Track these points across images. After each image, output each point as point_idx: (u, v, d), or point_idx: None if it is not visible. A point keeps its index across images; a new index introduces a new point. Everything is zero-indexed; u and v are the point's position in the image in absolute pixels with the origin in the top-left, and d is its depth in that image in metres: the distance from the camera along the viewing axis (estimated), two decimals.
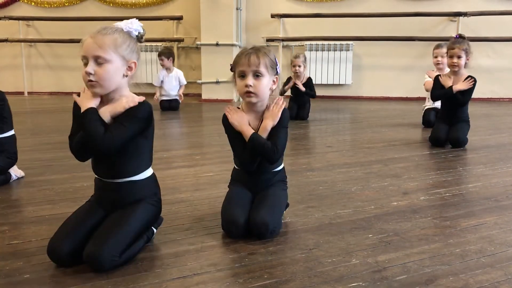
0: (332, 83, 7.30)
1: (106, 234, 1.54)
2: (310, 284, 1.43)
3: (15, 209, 2.17)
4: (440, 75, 3.76)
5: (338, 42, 7.13)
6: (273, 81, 1.86)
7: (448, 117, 3.62)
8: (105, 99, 1.64)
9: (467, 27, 6.74)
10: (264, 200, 1.84)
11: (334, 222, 1.96)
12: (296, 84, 4.98)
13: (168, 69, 6.03)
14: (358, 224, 1.94)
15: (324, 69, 7.27)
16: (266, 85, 1.82)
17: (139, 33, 1.66)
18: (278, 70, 1.86)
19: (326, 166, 2.97)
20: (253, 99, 1.82)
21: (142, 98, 1.66)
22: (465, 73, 3.61)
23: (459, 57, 3.53)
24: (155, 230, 1.78)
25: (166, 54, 6.02)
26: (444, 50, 4.36)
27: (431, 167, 3.02)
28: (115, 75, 1.59)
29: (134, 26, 1.65)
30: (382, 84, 7.20)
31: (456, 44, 3.56)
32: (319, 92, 7.06)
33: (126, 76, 1.63)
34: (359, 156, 3.25)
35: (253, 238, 1.76)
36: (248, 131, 1.83)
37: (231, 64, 1.86)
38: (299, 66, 4.96)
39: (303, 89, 4.96)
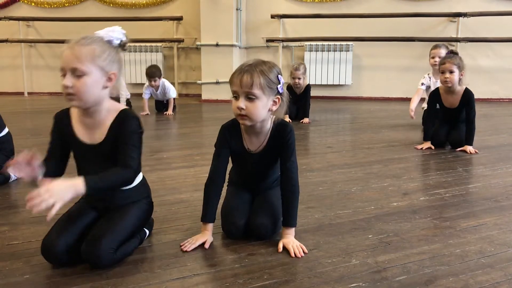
0: (332, 83, 7.30)
1: (103, 229, 1.55)
2: (310, 285, 1.43)
3: (14, 210, 2.17)
4: (437, 90, 3.61)
5: (338, 43, 7.13)
6: (274, 101, 1.67)
7: (448, 118, 3.61)
8: (85, 112, 1.59)
9: (467, 27, 6.75)
10: (264, 202, 1.84)
11: (334, 223, 1.96)
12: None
13: (156, 87, 5.63)
14: (358, 224, 1.94)
15: (324, 70, 7.26)
16: (261, 108, 1.63)
17: (121, 41, 1.59)
18: (279, 89, 1.67)
19: (326, 167, 2.97)
20: (247, 122, 1.67)
21: (122, 106, 1.64)
22: (461, 88, 3.46)
23: (451, 72, 3.36)
24: (147, 232, 1.79)
25: (158, 74, 5.58)
26: (442, 50, 4.33)
27: (431, 168, 3.02)
28: (94, 87, 1.51)
29: (115, 34, 1.57)
30: (382, 85, 7.20)
31: (447, 58, 3.43)
32: (319, 92, 7.11)
33: (106, 87, 1.56)
34: (359, 157, 3.25)
35: (253, 239, 1.76)
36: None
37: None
38: (299, 79, 4.87)
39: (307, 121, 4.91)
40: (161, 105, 5.84)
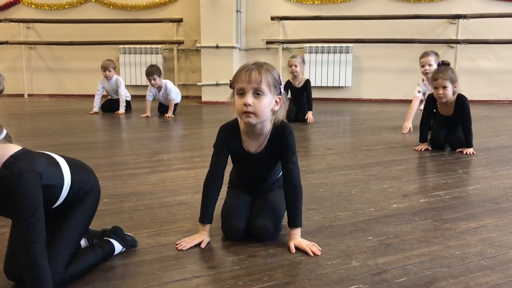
0: (332, 85, 7.30)
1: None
2: (310, 287, 1.43)
3: None
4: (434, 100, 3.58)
5: (337, 45, 7.13)
6: (276, 101, 1.69)
7: (448, 120, 3.61)
8: None
9: (467, 29, 6.75)
10: (265, 203, 1.85)
11: (334, 225, 1.96)
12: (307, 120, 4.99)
13: (159, 87, 5.58)
14: (358, 226, 1.94)
15: (324, 72, 7.27)
16: (267, 105, 1.65)
17: None
18: (281, 90, 1.70)
19: (326, 168, 2.97)
20: (252, 120, 1.65)
21: (10, 150, 1.31)
22: (454, 97, 3.42)
23: (444, 87, 3.34)
24: (117, 246, 1.64)
25: (158, 72, 5.52)
26: (431, 58, 4.31)
27: (431, 170, 3.02)
28: None
29: None
30: (382, 87, 7.20)
31: (439, 74, 3.37)
32: (319, 94, 7.10)
33: None
34: (359, 158, 3.25)
35: (253, 241, 1.76)
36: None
37: (230, 81, 1.70)
38: (295, 66, 4.95)
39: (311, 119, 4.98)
40: (163, 108, 5.78)
